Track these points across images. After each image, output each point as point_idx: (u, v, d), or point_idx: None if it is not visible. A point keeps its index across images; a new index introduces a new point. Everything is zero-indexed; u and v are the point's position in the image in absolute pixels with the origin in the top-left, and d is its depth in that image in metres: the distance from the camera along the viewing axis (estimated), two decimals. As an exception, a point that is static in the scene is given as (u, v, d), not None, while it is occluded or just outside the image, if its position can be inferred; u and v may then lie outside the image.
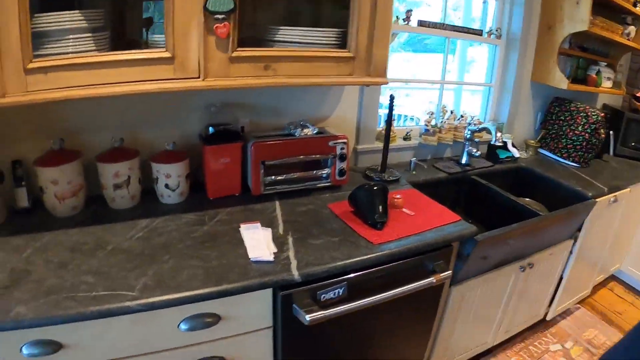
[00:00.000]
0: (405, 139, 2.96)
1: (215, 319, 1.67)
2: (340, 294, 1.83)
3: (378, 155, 2.72)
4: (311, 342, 1.93)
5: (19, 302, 1.51)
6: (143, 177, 2.14)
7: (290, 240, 1.87)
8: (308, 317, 1.71)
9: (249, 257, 1.74)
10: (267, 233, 1.89)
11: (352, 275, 1.83)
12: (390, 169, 2.69)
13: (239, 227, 1.93)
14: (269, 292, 1.72)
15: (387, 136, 2.56)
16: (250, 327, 1.76)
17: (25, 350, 1.51)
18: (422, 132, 2.98)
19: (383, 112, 2.76)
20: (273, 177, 2.19)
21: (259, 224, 1.95)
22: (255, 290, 1.65)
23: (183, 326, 1.64)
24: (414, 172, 2.78)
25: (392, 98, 2.48)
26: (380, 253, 1.84)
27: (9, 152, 2.05)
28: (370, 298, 1.85)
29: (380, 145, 2.74)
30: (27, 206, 2.03)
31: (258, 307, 1.74)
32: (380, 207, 2.03)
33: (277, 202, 2.18)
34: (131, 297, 1.53)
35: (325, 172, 2.30)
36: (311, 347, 1.95)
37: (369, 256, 1.82)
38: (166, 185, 2.09)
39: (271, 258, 1.74)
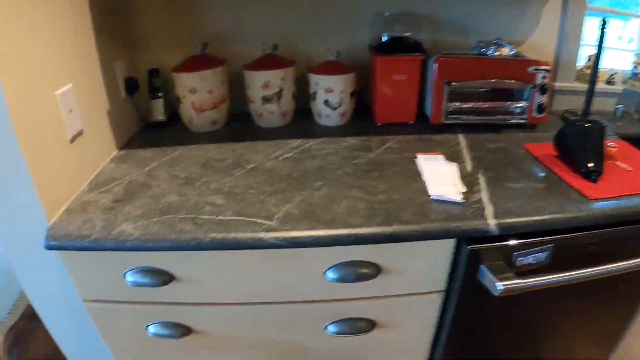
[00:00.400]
0: (608, 82, 2.23)
1: (374, 270, 1.13)
2: (541, 259, 1.23)
3: (576, 97, 2.02)
4: (486, 317, 1.34)
5: (127, 219, 1.09)
6: (298, 92, 1.66)
7: (481, 179, 1.28)
8: (500, 286, 1.12)
9: (429, 194, 1.18)
10: (452, 168, 1.31)
11: (559, 236, 1.21)
12: (593, 115, 1.99)
13: (415, 157, 1.38)
14: (450, 244, 1.14)
15: (594, 72, 1.85)
16: (416, 288, 1.22)
17: (129, 277, 1.13)
18: (628, 76, 2.23)
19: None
20: (457, 104, 1.60)
21: (441, 156, 1.38)
22: (436, 238, 1.09)
23: (330, 274, 1.13)
24: (619, 123, 2.06)
25: (603, 23, 1.77)
26: (597, 211, 1.19)
27: (146, 60, 1.69)
28: (581, 271, 1.21)
29: (580, 85, 2.04)
30: (162, 119, 1.64)
31: (431, 262, 1.17)
32: (595, 154, 1.38)
33: (460, 135, 1.57)
34: (267, 227, 1.04)
35: (520, 105, 1.66)
36: (484, 324, 1.36)
37: (583, 214, 1.18)
38: (326, 102, 1.58)
39: (459, 199, 1.17)
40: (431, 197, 1.16)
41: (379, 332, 1.29)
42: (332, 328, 1.26)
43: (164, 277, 1.12)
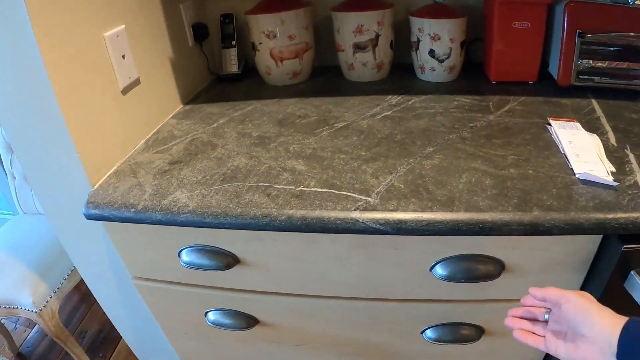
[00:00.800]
0: None
1: (496, 268, 0.81)
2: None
3: None
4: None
5: (183, 185, 0.83)
6: (396, 41, 1.31)
7: (632, 157, 0.91)
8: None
9: (575, 171, 0.83)
10: (595, 140, 0.96)
11: None
12: None
13: (547, 124, 1.03)
14: (597, 240, 0.81)
15: None
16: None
17: (185, 257, 0.88)
18: None
19: None
20: (590, 61, 1.22)
21: (578, 124, 1.03)
22: (587, 233, 0.74)
23: (440, 270, 0.81)
24: None
25: None
26: None
27: (217, 5, 1.39)
28: None
29: None
30: (235, 71, 1.36)
31: (569, 262, 0.83)
32: None
33: (593, 100, 1.17)
34: (364, 204, 0.74)
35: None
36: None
37: None
38: (431, 53, 1.24)
39: (611, 180, 0.82)
40: (577, 176, 0.82)
41: (486, 341, 0.98)
42: (430, 333, 0.96)
43: (227, 260, 0.85)
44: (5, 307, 1.52)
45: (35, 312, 1.50)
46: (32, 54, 0.74)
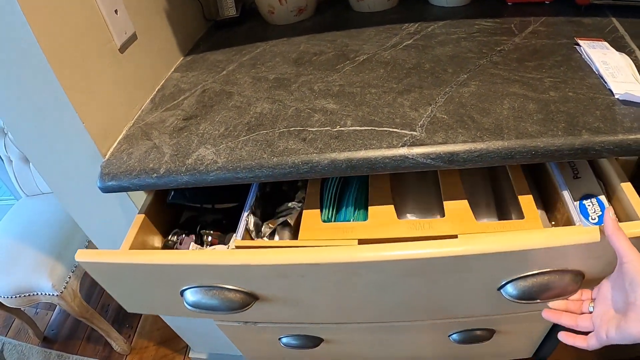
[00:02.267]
0: None
1: (576, 280, 0.65)
2: None
3: None
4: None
5: (205, 141, 0.77)
6: None
7: None
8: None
9: (614, 91, 0.75)
10: (626, 60, 0.89)
11: None
12: None
13: (575, 44, 0.95)
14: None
15: None
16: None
17: (190, 297, 0.75)
18: None
19: None
20: None
21: (606, 43, 0.95)
22: (633, 154, 0.68)
23: (510, 289, 0.68)
24: None
25: None
26: None
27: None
28: None
29: None
30: (233, 14, 1.27)
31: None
32: None
33: (613, 19, 1.04)
34: (410, 139, 0.68)
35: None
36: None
37: None
38: (443, -27, 1.14)
39: (650, 99, 0.76)
40: (617, 97, 0.75)
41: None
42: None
43: (242, 298, 0.72)
44: (26, 295, 1.46)
45: (57, 295, 1.46)
46: (19, 21, 0.67)
